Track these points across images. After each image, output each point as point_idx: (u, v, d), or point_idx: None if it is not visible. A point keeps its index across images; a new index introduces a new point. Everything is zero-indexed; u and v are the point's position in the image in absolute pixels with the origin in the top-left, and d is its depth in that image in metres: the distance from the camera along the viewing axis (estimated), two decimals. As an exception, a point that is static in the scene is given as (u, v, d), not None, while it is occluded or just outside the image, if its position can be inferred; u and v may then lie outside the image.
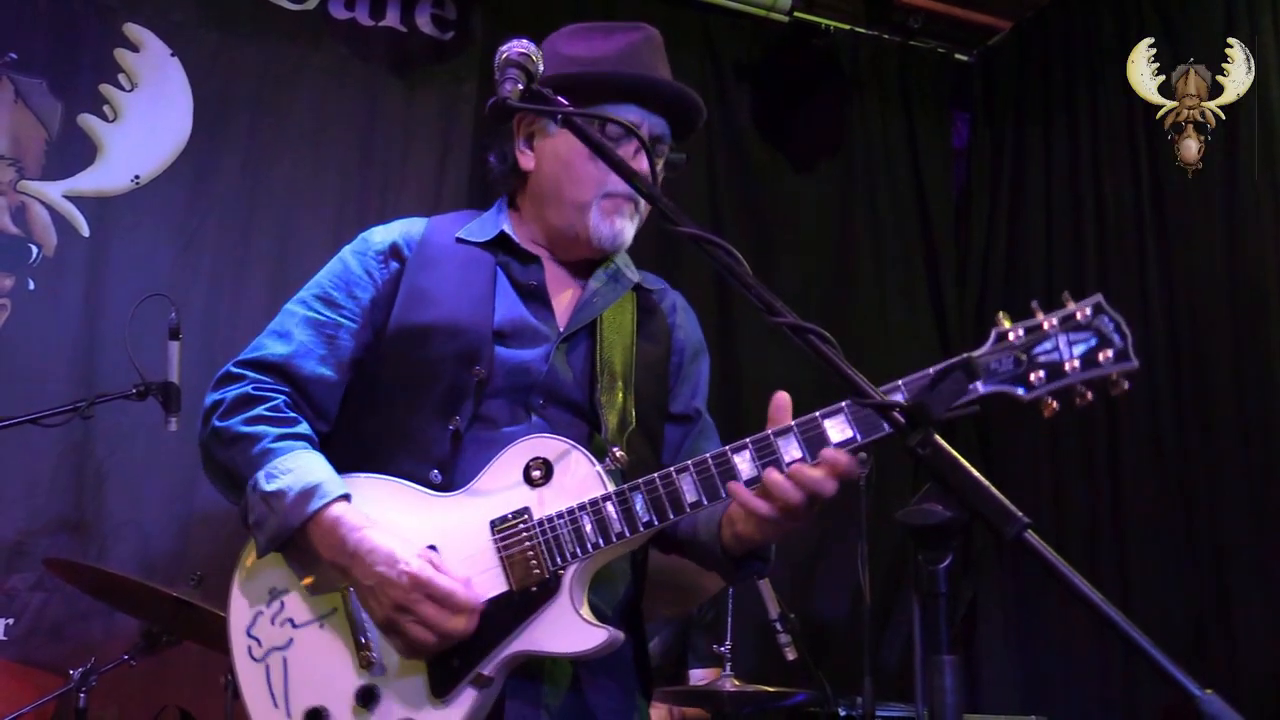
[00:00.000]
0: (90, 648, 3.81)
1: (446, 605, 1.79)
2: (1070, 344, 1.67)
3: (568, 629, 1.82)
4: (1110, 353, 1.65)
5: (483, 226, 2.18)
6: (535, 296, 2.10)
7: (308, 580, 1.93)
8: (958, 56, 5.95)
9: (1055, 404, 1.67)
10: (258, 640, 1.94)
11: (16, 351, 4.19)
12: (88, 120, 4.47)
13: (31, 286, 4.30)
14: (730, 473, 1.81)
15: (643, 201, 2.11)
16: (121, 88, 4.54)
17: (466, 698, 1.82)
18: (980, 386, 1.70)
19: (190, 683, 3.92)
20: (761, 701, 3.75)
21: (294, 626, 1.93)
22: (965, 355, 1.71)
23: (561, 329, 2.07)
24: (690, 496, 1.82)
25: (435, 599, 1.79)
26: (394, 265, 2.13)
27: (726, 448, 1.83)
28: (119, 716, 3.90)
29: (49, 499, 4.12)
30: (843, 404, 1.78)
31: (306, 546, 1.89)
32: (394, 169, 4.87)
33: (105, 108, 4.51)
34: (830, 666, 4.23)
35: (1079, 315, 1.67)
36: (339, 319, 2.08)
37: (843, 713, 4.01)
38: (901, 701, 4.23)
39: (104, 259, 4.38)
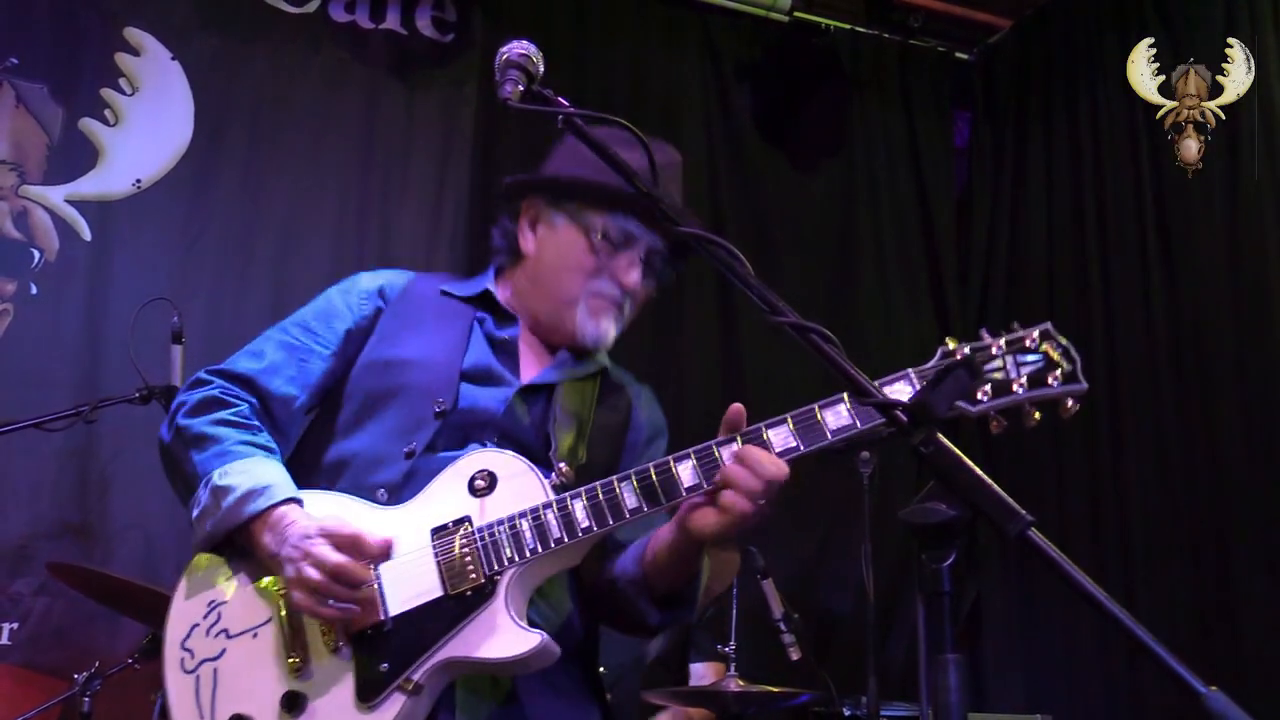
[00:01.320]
0: (94, 652, 3.80)
1: (343, 547, 1.81)
2: (1018, 365, 1.70)
3: (500, 634, 1.80)
4: (1058, 374, 1.68)
5: (468, 285, 2.25)
6: (505, 350, 2.15)
7: (243, 586, 1.94)
8: (958, 55, 5.95)
9: (1004, 421, 1.69)
10: (190, 652, 1.93)
11: (19, 356, 4.19)
12: (89, 124, 4.48)
13: (34, 291, 4.31)
14: (671, 480, 1.81)
15: (628, 306, 2.17)
16: (123, 92, 4.54)
17: (394, 704, 1.80)
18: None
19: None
20: (766, 701, 3.74)
21: (228, 637, 1.92)
22: (907, 370, 1.72)
23: (524, 381, 2.11)
24: (630, 503, 1.83)
25: (334, 540, 1.81)
26: (376, 304, 2.18)
27: (669, 456, 1.84)
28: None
29: (52, 503, 4.13)
30: (786, 415, 1.79)
31: (249, 544, 1.91)
32: (395, 171, 4.88)
33: (106, 112, 4.51)
34: (834, 666, 4.23)
35: (1026, 340, 1.71)
36: (312, 345, 2.12)
37: (847, 712, 4.01)
38: (906, 700, 4.23)
39: (106, 263, 4.39)
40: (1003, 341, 1.71)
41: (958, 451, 1.31)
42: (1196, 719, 1.14)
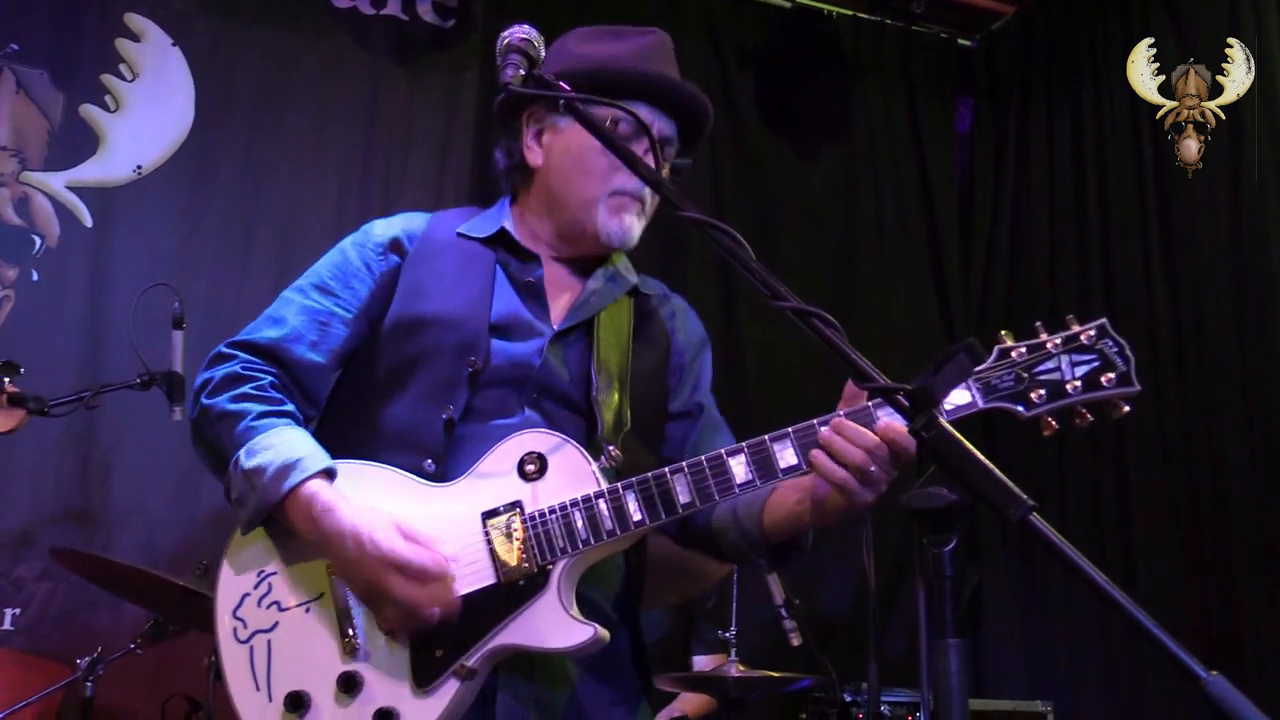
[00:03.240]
0: (97, 637, 3.81)
1: (419, 579, 1.80)
2: (1073, 365, 1.69)
3: (553, 624, 1.81)
4: (1112, 375, 1.68)
5: (484, 222, 2.18)
6: (532, 293, 2.10)
7: (291, 558, 1.93)
8: (961, 41, 5.93)
9: (1055, 423, 1.69)
10: (243, 622, 1.92)
11: (21, 342, 4.18)
12: (89, 111, 4.47)
13: (35, 278, 4.31)
14: (725, 475, 1.81)
15: (649, 200, 2.12)
16: (123, 78, 4.53)
17: (449, 689, 1.81)
18: (981, 401, 1.73)
19: (197, 671, 3.92)
20: (767, 687, 3.75)
21: (280, 610, 1.91)
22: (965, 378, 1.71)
23: (556, 326, 2.08)
24: (683, 497, 1.82)
25: (407, 575, 1.80)
26: (394, 259, 2.13)
27: (722, 450, 1.84)
28: (126, 705, 3.91)
29: (55, 489, 4.13)
30: (839, 410, 1.79)
31: (283, 520, 1.89)
32: (396, 157, 4.87)
33: (107, 98, 4.50)
34: (835, 652, 4.23)
35: (1083, 337, 1.70)
36: (334, 308, 2.09)
37: (848, 698, 4.01)
38: (906, 687, 4.23)
39: (107, 249, 4.39)
40: (1059, 339, 1.69)
41: (959, 436, 1.30)
42: (1197, 704, 1.14)
